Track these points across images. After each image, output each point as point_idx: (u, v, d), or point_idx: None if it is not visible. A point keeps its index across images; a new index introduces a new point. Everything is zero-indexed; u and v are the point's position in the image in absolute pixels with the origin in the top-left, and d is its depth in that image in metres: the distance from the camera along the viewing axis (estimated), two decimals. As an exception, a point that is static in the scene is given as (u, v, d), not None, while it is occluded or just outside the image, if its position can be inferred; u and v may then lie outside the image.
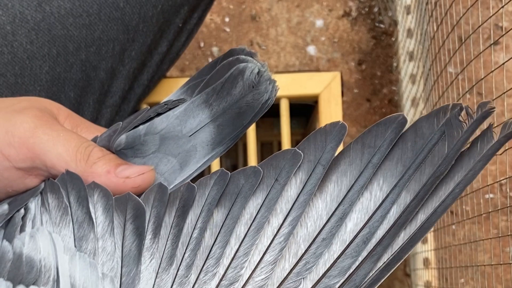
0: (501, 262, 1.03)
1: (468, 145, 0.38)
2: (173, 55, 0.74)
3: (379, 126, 0.39)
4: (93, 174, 0.40)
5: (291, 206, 0.38)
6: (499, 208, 1.13)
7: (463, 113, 0.38)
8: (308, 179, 0.38)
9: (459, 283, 0.95)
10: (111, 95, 0.68)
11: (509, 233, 1.08)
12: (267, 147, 1.25)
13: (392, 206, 0.38)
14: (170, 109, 0.43)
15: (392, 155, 0.38)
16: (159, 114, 0.43)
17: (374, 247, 0.37)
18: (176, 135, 0.43)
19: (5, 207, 0.42)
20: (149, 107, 0.44)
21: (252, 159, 0.83)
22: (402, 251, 0.37)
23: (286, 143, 0.83)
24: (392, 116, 0.39)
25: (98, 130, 0.46)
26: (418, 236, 0.37)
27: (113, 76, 0.67)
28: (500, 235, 1.09)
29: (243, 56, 0.44)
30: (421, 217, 0.37)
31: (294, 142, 1.21)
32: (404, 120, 0.38)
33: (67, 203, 0.40)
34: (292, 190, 0.38)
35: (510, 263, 0.87)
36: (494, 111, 0.39)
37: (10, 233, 0.40)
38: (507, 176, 1.09)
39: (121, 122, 0.43)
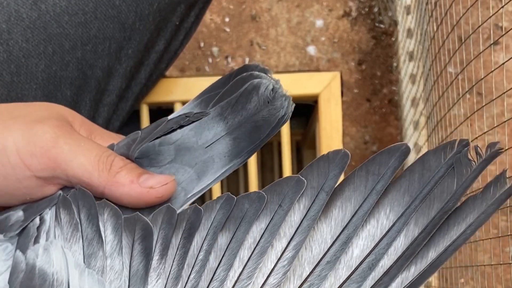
0: (501, 262, 1.03)
1: (481, 189, 0.40)
2: (171, 54, 0.74)
3: (383, 155, 0.40)
4: (117, 184, 0.41)
5: (294, 231, 0.39)
6: (499, 208, 1.13)
7: (472, 150, 0.40)
8: (311, 205, 0.39)
9: (459, 283, 0.95)
10: (108, 93, 0.68)
11: (509, 233, 1.08)
12: (267, 147, 1.25)
13: (398, 235, 0.38)
14: (193, 122, 0.43)
15: (399, 186, 0.39)
16: (181, 127, 0.43)
17: (381, 276, 0.38)
18: (192, 146, 0.43)
19: (20, 213, 0.42)
20: (168, 118, 0.44)
21: (252, 160, 0.83)
22: (412, 286, 0.38)
23: (286, 143, 0.83)
24: (396, 145, 0.40)
25: (111, 137, 0.46)
26: (428, 273, 0.38)
27: (109, 74, 0.67)
28: (500, 235, 1.09)
29: (257, 72, 0.44)
30: (432, 255, 0.38)
31: (294, 142, 1.21)
32: (407, 149, 0.40)
33: (78, 220, 0.40)
34: (295, 215, 0.39)
35: (510, 263, 0.87)
36: (502, 151, 0.40)
37: (24, 243, 0.40)
38: (507, 176, 1.09)
39: (140, 131, 0.44)
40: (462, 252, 0.92)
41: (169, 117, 0.45)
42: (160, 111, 0.93)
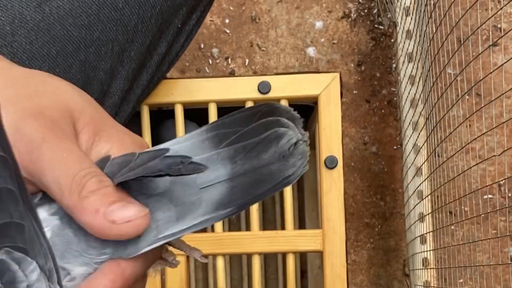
0: (500, 263, 1.03)
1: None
2: (172, 56, 0.75)
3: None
4: (82, 210, 0.36)
5: None
6: (497, 208, 1.13)
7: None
8: None
9: (458, 283, 0.95)
10: (110, 95, 0.68)
11: (507, 234, 1.09)
12: (267, 148, 1.25)
13: None
14: (183, 174, 0.38)
15: None
16: (169, 175, 0.38)
17: None
18: (188, 183, 0.39)
19: None
20: (166, 154, 0.39)
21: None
22: None
23: (285, 144, 0.83)
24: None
25: (120, 140, 0.42)
26: None
27: (112, 76, 0.67)
28: (498, 236, 1.09)
29: (285, 120, 0.40)
30: None
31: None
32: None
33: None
34: None
35: (509, 264, 0.88)
36: None
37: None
38: (506, 177, 1.09)
39: (136, 154, 0.39)
40: (461, 253, 0.93)
41: (170, 146, 0.40)
42: (161, 112, 0.94)
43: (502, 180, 1.12)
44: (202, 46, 1.29)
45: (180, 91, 0.83)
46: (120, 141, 0.41)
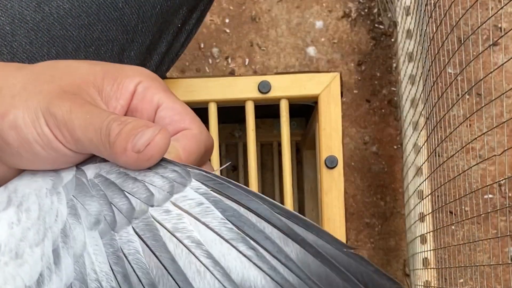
0: (500, 262, 1.03)
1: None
2: (172, 56, 0.75)
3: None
4: (116, 155, 0.39)
5: None
6: (498, 208, 1.13)
7: None
8: None
9: (458, 283, 0.95)
10: None
11: (508, 234, 1.08)
12: (267, 148, 1.25)
13: None
14: None
15: None
16: None
17: None
18: None
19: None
20: None
21: (252, 160, 0.83)
22: None
23: (285, 144, 0.83)
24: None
25: (138, 71, 0.44)
26: None
27: None
28: (499, 236, 1.09)
29: None
30: None
31: (294, 143, 1.21)
32: None
33: None
34: None
35: (509, 263, 0.87)
36: None
37: None
38: (506, 177, 1.09)
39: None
40: (461, 252, 0.93)
41: None
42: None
43: (502, 180, 1.12)
44: (202, 45, 1.29)
45: (180, 90, 0.83)
46: (139, 72, 0.44)
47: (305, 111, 1.04)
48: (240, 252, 0.37)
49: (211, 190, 0.39)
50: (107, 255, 0.38)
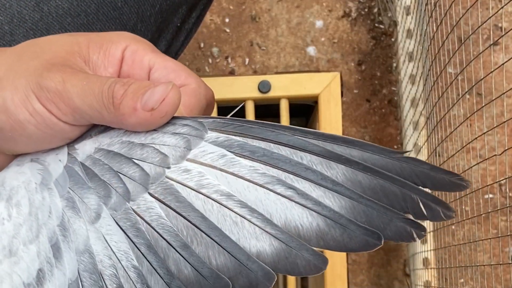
0: (501, 262, 1.03)
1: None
2: (171, 55, 0.74)
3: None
4: (123, 117, 0.38)
5: None
6: (498, 208, 1.13)
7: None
8: None
9: (459, 283, 0.95)
10: None
11: (508, 233, 1.08)
12: (267, 148, 1.25)
13: None
14: None
15: None
16: None
17: None
18: None
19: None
20: None
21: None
22: None
23: (285, 143, 0.83)
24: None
25: (122, 35, 0.43)
26: None
27: None
28: (499, 235, 1.09)
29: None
30: None
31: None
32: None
33: None
34: None
35: (510, 263, 0.87)
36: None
37: None
38: (507, 176, 1.09)
39: None
40: (461, 252, 0.92)
41: None
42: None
43: (503, 180, 1.12)
44: (202, 45, 1.29)
45: (180, 90, 0.82)
46: (124, 36, 0.43)
47: (305, 110, 1.03)
48: (279, 193, 0.36)
49: (232, 135, 0.37)
50: (124, 230, 0.36)
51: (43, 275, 0.37)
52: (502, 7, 0.72)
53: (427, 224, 1.02)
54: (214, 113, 0.83)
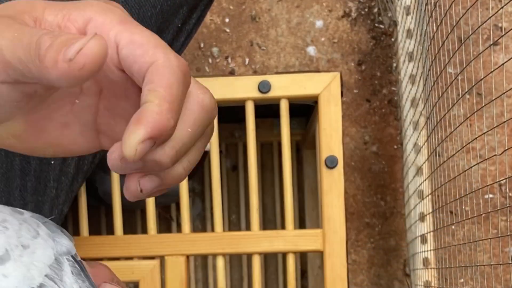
0: (501, 262, 1.03)
1: None
2: (171, 55, 0.74)
3: None
4: (46, 70, 0.34)
5: None
6: (498, 208, 1.13)
7: None
8: None
9: (459, 283, 0.95)
10: None
11: (508, 233, 1.08)
12: (267, 148, 1.25)
13: None
14: None
15: None
16: None
17: None
18: None
19: None
20: None
21: (252, 160, 0.83)
22: None
23: (285, 144, 0.83)
24: None
25: (89, 4, 0.38)
26: None
27: None
28: (499, 235, 1.09)
29: None
30: None
31: (294, 143, 1.21)
32: None
33: None
34: None
35: (510, 263, 0.87)
36: None
37: None
38: (507, 177, 1.09)
39: None
40: (461, 252, 0.92)
41: None
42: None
43: (503, 180, 1.12)
44: (202, 45, 1.29)
45: (180, 90, 0.82)
46: (89, 4, 0.39)
47: (305, 110, 1.03)
48: None
49: None
50: None
51: None
52: (502, 7, 0.72)
53: (428, 224, 1.02)
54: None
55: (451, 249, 0.96)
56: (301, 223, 1.20)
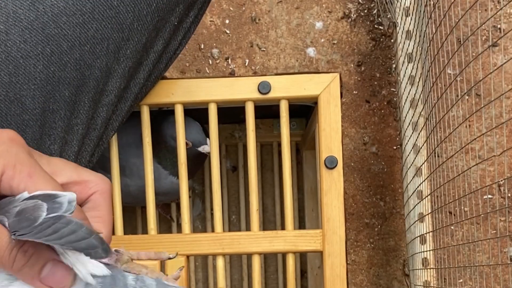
0: (500, 263, 1.03)
1: None
2: (170, 54, 0.75)
3: None
4: (22, 277, 0.44)
5: None
6: (497, 208, 1.13)
7: None
8: None
9: (458, 283, 0.95)
10: (106, 93, 0.68)
11: (507, 234, 1.09)
12: (267, 148, 1.25)
13: None
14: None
15: None
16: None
17: None
18: None
19: None
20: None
21: (252, 160, 0.84)
22: None
23: (285, 144, 0.83)
24: None
25: (47, 181, 0.46)
26: None
27: (108, 74, 0.67)
28: (498, 236, 1.10)
29: None
30: None
31: (294, 143, 1.21)
32: None
33: None
34: None
35: (509, 264, 0.88)
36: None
37: None
38: (506, 177, 1.10)
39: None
40: (460, 253, 0.93)
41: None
42: (161, 112, 0.94)
43: (501, 180, 1.13)
44: (202, 46, 1.29)
45: (180, 91, 0.83)
46: (49, 183, 0.46)
47: (305, 111, 1.04)
48: None
49: None
50: None
51: None
52: (501, 9, 0.73)
53: (427, 224, 1.02)
54: (214, 114, 0.83)
55: (450, 249, 0.97)
56: (300, 224, 1.20)
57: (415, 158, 1.07)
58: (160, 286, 0.45)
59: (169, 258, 0.50)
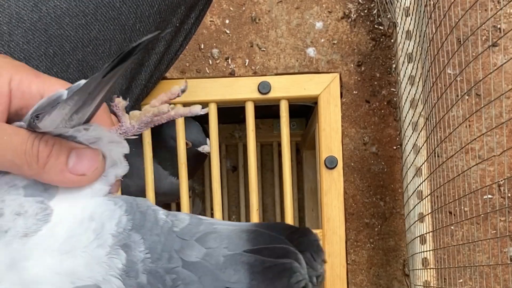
0: (500, 263, 1.03)
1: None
2: (171, 55, 0.75)
3: None
4: (48, 174, 0.41)
5: None
6: (497, 208, 1.13)
7: None
8: None
9: (458, 283, 0.95)
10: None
11: (507, 234, 1.09)
12: (267, 148, 1.25)
13: None
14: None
15: None
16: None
17: None
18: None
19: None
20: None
21: (252, 160, 0.84)
22: None
23: (285, 144, 0.83)
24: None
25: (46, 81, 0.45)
26: None
27: None
28: (498, 236, 1.10)
29: (298, 265, 0.42)
30: None
31: (294, 143, 1.21)
32: None
33: None
34: None
35: (508, 264, 0.88)
36: None
37: None
38: (506, 177, 1.10)
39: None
40: (460, 253, 0.93)
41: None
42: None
43: (501, 180, 1.13)
44: (202, 46, 1.30)
45: (180, 91, 0.83)
46: (3, 67, 0.43)
47: (305, 111, 1.04)
48: None
49: None
50: None
51: None
52: (501, 9, 0.73)
53: (427, 225, 1.02)
54: (214, 114, 0.83)
55: (450, 249, 0.97)
56: (300, 224, 1.20)
57: (415, 158, 1.07)
58: (193, 220, 0.44)
59: (183, 91, 0.48)
